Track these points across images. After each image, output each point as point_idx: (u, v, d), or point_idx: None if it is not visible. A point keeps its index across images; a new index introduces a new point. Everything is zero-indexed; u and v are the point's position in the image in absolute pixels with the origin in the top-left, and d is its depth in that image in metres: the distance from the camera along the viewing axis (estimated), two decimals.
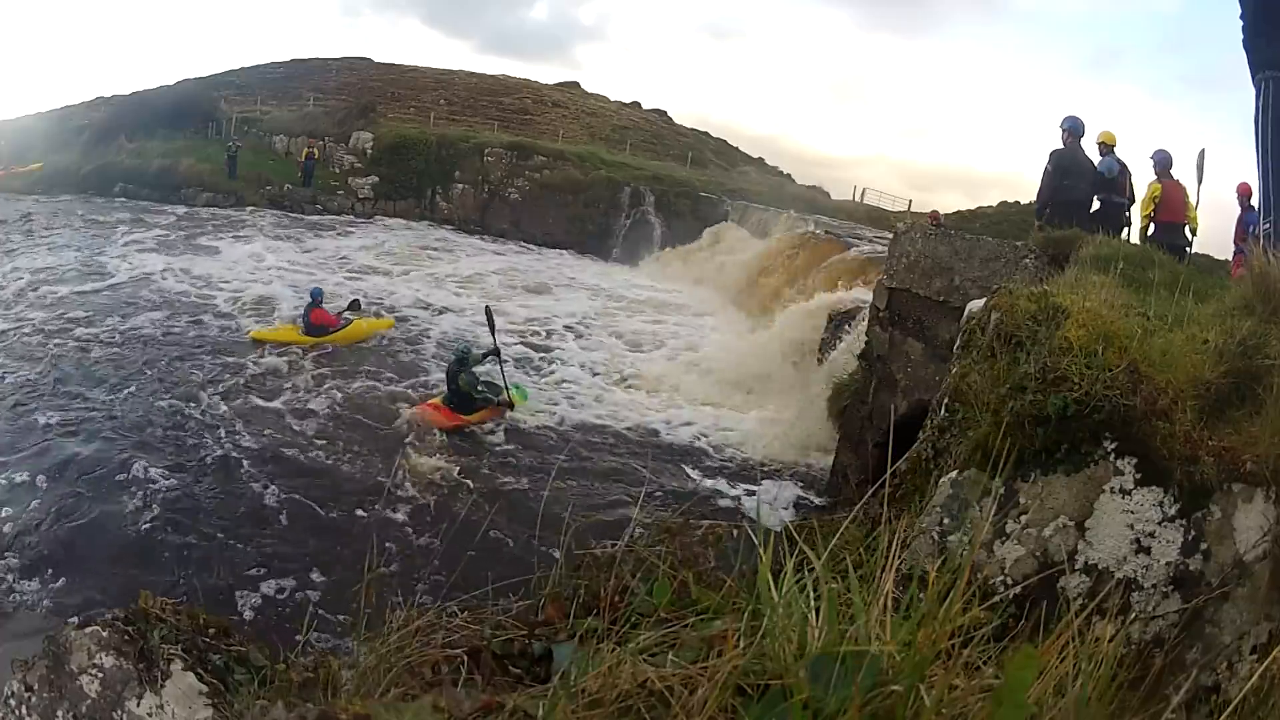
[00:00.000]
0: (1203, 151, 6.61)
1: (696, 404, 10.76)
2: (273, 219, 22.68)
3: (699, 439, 9.50)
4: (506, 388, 9.41)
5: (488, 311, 9.84)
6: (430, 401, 9.14)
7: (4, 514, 6.26)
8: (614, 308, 17.11)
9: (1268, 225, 4.59)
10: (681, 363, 12.72)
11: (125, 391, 8.97)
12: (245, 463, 7.56)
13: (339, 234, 22.04)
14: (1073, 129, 7.10)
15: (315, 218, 24.04)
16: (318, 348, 11.23)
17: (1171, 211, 6.99)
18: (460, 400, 8.84)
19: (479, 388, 8.96)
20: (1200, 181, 6.76)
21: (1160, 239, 6.74)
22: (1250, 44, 4.03)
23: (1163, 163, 7.10)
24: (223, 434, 8.11)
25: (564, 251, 24.81)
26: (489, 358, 9.45)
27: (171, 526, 6.37)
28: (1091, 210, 7.12)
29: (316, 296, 11.65)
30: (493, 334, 9.53)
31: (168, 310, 12.51)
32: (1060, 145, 7.12)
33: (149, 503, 6.65)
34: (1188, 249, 6.99)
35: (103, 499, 6.63)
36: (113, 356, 10.14)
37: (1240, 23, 3.78)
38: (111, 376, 9.40)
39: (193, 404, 8.79)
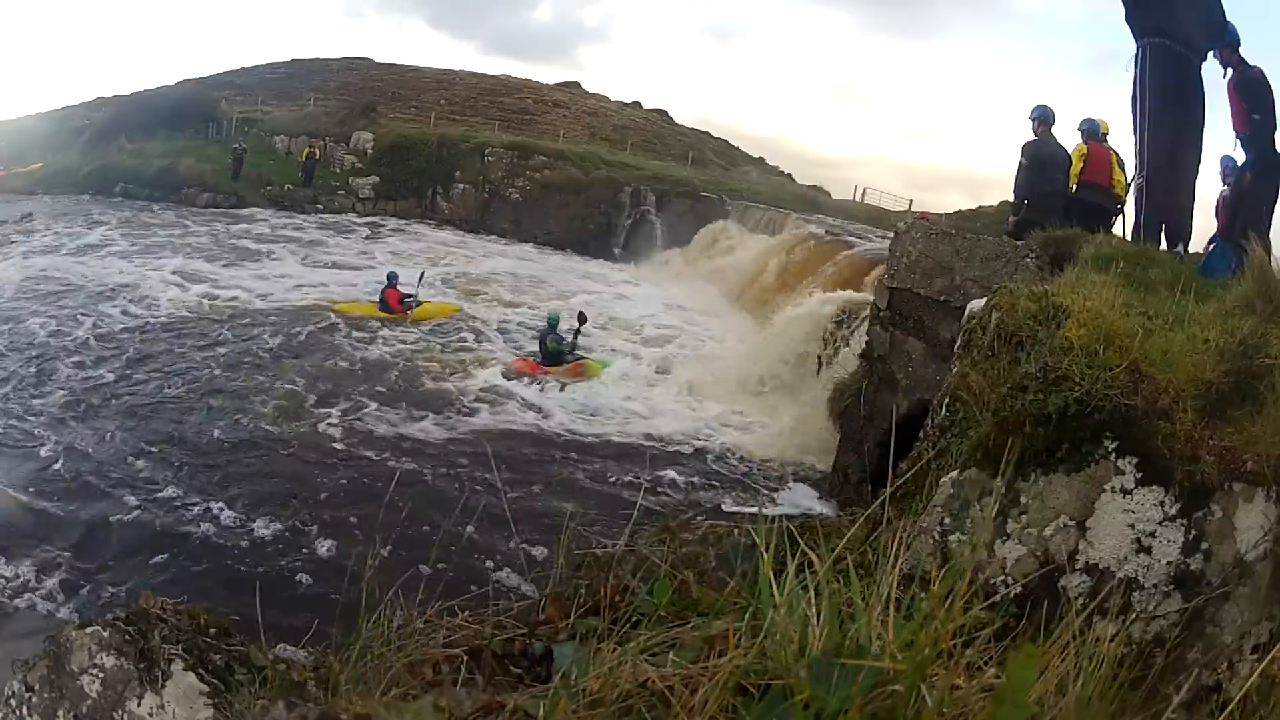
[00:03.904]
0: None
1: (697, 404, 10.75)
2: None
3: (700, 439, 9.49)
4: (583, 357, 11.53)
5: (581, 315, 12.15)
6: (524, 359, 11.37)
7: (3, 513, 6.26)
8: (612, 309, 17.09)
9: (1140, 179, 4.74)
10: (682, 362, 12.71)
11: (122, 389, 8.97)
12: (245, 461, 7.55)
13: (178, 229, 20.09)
14: (1043, 118, 6.92)
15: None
16: (390, 323, 12.56)
17: (1095, 173, 6.82)
18: (547, 356, 11.10)
19: (562, 346, 11.17)
20: None
21: (1083, 197, 6.67)
22: (1131, 15, 4.28)
23: (1090, 130, 6.99)
24: (223, 431, 8.11)
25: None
26: (566, 342, 11.66)
27: (172, 526, 6.36)
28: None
29: (392, 279, 12.91)
30: (578, 328, 11.69)
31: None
32: (1032, 136, 6.93)
33: (150, 501, 6.64)
34: (1114, 215, 6.82)
35: (103, 497, 6.63)
36: (109, 351, 10.15)
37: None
38: (108, 372, 9.41)
39: (191, 399, 8.80)
